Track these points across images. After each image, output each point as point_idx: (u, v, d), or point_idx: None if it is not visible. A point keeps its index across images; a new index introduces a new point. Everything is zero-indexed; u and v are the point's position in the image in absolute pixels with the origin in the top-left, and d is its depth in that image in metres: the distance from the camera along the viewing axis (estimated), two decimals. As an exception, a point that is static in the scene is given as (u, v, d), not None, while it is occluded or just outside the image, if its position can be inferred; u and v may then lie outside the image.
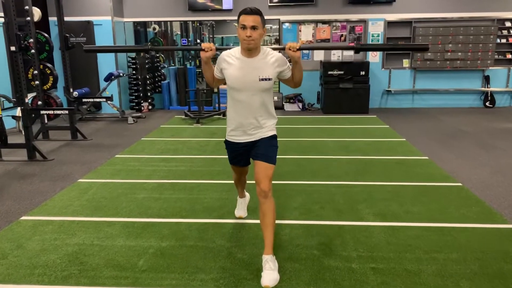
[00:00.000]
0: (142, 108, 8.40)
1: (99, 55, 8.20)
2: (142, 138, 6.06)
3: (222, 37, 19.80)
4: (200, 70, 9.68)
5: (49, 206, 3.47)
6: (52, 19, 7.97)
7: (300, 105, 8.59)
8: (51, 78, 5.90)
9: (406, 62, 8.62)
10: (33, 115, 4.85)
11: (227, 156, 2.78)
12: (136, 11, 8.55)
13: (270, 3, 8.34)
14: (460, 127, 6.66)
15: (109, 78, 7.47)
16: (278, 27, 8.64)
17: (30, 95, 6.24)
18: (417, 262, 2.53)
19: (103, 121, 7.67)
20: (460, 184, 3.93)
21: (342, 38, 8.50)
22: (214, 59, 2.57)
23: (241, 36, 2.36)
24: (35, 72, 5.71)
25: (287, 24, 8.54)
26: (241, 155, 2.68)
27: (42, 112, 4.95)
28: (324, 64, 8.10)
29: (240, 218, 3.17)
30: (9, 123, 6.55)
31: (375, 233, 2.92)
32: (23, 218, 3.24)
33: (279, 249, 2.70)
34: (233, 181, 3.10)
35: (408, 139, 5.77)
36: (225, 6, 8.19)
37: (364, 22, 8.42)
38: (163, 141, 5.88)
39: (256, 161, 2.52)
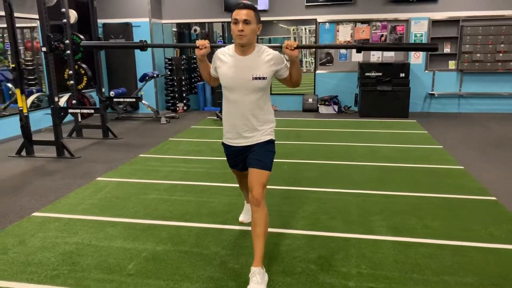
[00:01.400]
0: (177, 109, 8.51)
1: (137, 55, 8.41)
2: (170, 138, 6.10)
3: (270, 38, 19.59)
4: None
5: (61, 204, 3.55)
6: (95, 21, 8.28)
7: (336, 107, 8.30)
8: (85, 78, 6.10)
9: (452, 64, 8.06)
10: (62, 114, 5.02)
11: None
12: (174, 12, 8.68)
13: (307, 2, 8.13)
14: (509, 135, 6.10)
15: (143, 78, 7.63)
16: (315, 27, 8.41)
17: (67, 95, 6.51)
18: (424, 284, 2.28)
19: (138, 120, 7.84)
20: (494, 198, 3.55)
21: (383, 39, 8.11)
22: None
23: (233, 31, 2.25)
24: (70, 72, 5.94)
25: (324, 24, 8.29)
26: (238, 158, 2.56)
27: (70, 110, 5.12)
28: (362, 65, 7.77)
29: (242, 223, 3.06)
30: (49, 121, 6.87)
31: (383, 249, 2.69)
32: (34, 214, 3.32)
33: (274, 260, 2.56)
34: None
35: (445, 147, 5.36)
36: (260, 7, 8.10)
37: (406, 21, 7.97)
38: (189, 142, 5.89)
39: (250, 168, 2.39)
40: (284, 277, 2.37)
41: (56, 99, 4.97)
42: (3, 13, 4.62)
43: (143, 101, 7.55)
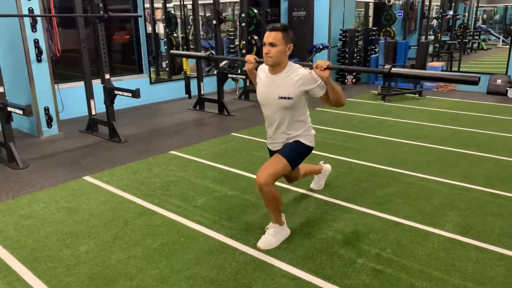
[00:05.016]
0: (346, 81, 8.64)
1: (316, 28, 8.82)
2: (317, 108, 6.42)
3: (507, 7, 16.41)
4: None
5: (192, 148, 4.47)
6: (283, -5, 9.08)
7: (531, 93, 6.88)
8: (255, 48, 6.96)
9: None
10: (223, 78, 6.00)
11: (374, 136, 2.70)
12: (357, -16, 8.64)
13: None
14: None
15: (311, 50, 8.04)
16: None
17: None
18: (435, 282, 2.12)
19: (305, 89, 8.38)
20: None
21: None
22: None
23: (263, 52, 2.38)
24: (243, 42, 6.89)
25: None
26: None
27: (229, 76, 6.05)
28: None
29: (311, 189, 3.28)
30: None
31: (427, 242, 2.52)
32: (170, 152, 4.33)
33: (308, 223, 2.76)
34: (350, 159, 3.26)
35: None
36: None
37: None
38: (333, 113, 6.09)
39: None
40: (303, 238, 2.57)
41: (221, 64, 5.96)
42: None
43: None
